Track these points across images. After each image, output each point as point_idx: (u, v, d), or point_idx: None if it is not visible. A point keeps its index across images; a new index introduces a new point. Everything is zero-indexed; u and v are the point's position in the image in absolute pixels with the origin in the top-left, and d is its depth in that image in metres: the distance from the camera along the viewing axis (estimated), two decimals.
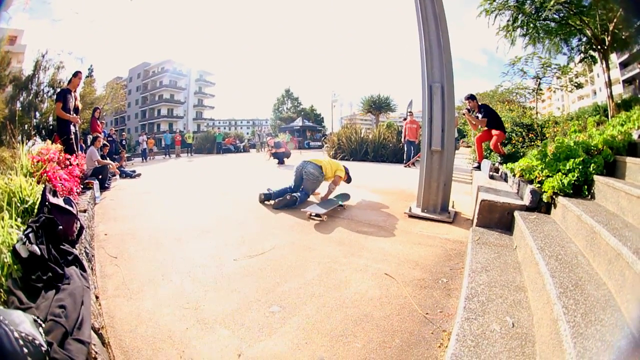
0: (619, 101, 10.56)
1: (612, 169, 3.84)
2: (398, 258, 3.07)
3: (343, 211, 4.83)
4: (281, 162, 12.29)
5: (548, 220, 3.34)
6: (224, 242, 3.48)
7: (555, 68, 16.85)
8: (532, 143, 8.88)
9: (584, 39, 11.42)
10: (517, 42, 12.14)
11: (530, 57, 15.58)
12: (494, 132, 7.21)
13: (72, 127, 6.17)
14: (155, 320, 2.10)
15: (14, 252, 1.59)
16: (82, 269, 1.90)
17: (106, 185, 6.98)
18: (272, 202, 5.16)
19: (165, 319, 2.12)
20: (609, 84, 10.83)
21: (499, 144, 7.26)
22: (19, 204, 2.35)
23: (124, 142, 17.16)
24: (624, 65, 17.42)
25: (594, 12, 9.69)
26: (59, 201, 2.31)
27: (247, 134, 43.66)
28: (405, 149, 11.64)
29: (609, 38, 10.38)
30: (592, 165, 3.67)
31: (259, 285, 2.56)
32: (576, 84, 15.81)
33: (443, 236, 3.72)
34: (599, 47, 10.79)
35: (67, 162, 5.01)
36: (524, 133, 9.90)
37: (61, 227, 1.98)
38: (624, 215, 2.73)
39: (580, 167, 3.68)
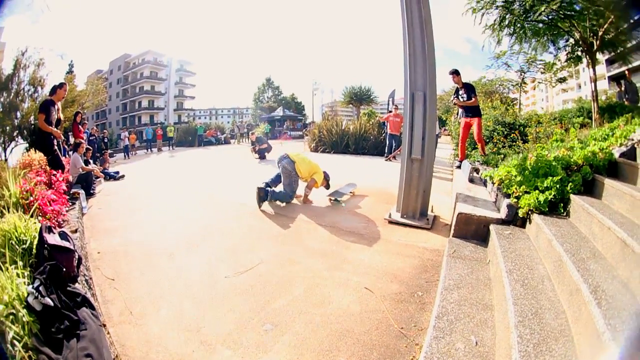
0: (604, 105, 10.60)
1: (591, 187, 3.96)
2: (377, 271, 3.29)
3: (326, 216, 5.02)
4: (262, 157, 12.42)
5: (522, 236, 3.51)
6: (214, 256, 3.65)
7: (540, 63, 16.92)
8: (514, 143, 8.99)
9: (572, 41, 11.52)
10: (504, 41, 12.06)
11: (516, 53, 15.43)
12: (474, 120, 7.35)
13: (54, 141, 6.09)
14: (164, 345, 2.29)
15: (27, 306, 1.71)
16: (92, 307, 2.06)
17: (91, 191, 7.01)
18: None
19: (172, 343, 2.30)
20: (595, 86, 10.81)
21: (481, 132, 7.46)
22: (17, 246, 2.41)
23: (106, 141, 17.07)
24: (609, 62, 17.67)
25: (585, 17, 9.66)
26: (56, 238, 2.42)
27: (228, 122, 43.41)
28: (387, 142, 11.77)
29: (598, 42, 10.40)
30: (570, 184, 3.79)
31: (252, 303, 2.75)
32: (560, 79, 15.78)
33: (421, 245, 3.93)
34: (586, 49, 10.82)
35: (54, 178, 5.03)
36: (505, 132, 9.94)
37: (65, 269, 2.13)
38: (594, 240, 2.87)
39: (558, 185, 3.79)
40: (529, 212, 3.69)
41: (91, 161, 9.07)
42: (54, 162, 5.79)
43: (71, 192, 5.76)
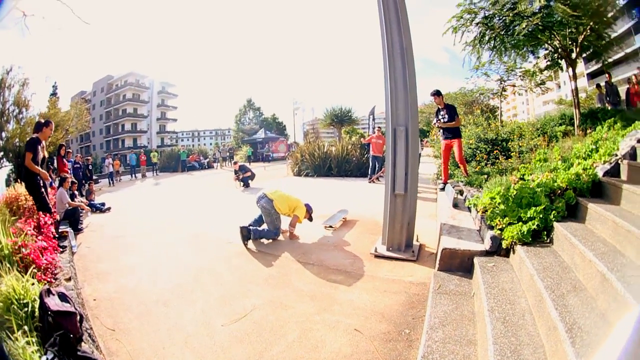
0: (586, 111, 10.68)
1: (575, 211, 4.06)
2: (365, 310, 3.42)
3: (313, 253, 5.11)
4: (247, 185, 12.51)
5: (506, 267, 3.63)
6: (207, 304, 3.74)
7: (519, 70, 16.96)
8: (497, 160, 9.08)
9: (551, 49, 11.61)
10: (484, 55, 12.15)
11: (495, 63, 15.59)
12: (454, 142, 7.44)
13: (41, 182, 5.94)
14: None
15: None
16: None
17: (79, 227, 7.03)
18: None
19: None
20: (576, 92, 10.94)
21: (462, 154, 7.60)
22: (19, 310, 2.46)
23: (90, 167, 16.99)
24: (587, 59, 17.94)
25: (564, 26, 9.80)
26: (57, 301, 2.51)
27: (211, 144, 43.61)
28: (370, 163, 11.93)
29: (577, 49, 10.58)
30: (553, 212, 3.88)
31: (250, 352, 2.86)
32: (539, 84, 16.03)
33: (407, 279, 4.08)
34: (566, 57, 10.96)
35: (42, 221, 5.05)
36: (488, 149, 10.03)
37: (72, 335, 2.22)
38: (576, 271, 2.96)
39: (541, 215, 3.86)
40: (513, 244, 3.78)
41: (77, 193, 9.04)
42: (41, 205, 5.75)
43: (59, 230, 5.78)
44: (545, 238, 3.75)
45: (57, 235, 5.40)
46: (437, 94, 7.51)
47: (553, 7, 8.87)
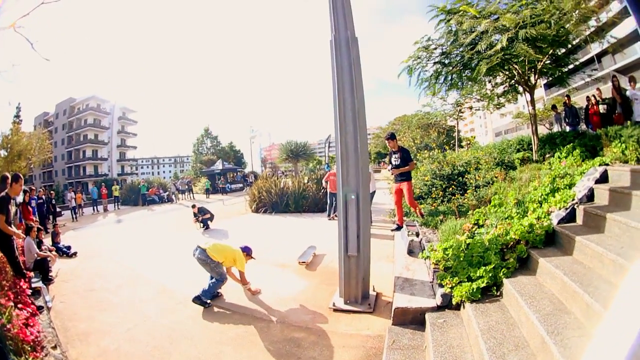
0: (544, 137, 10.71)
1: (527, 263, 4.28)
2: None
3: (274, 310, 5.38)
4: (206, 227, 12.67)
5: (455, 322, 3.89)
6: None
7: (476, 94, 17.13)
8: (453, 196, 9.19)
9: (509, 75, 11.68)
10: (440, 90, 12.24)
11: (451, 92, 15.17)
12: (403, 185, 7.70)
13: (14, 243, 5.94)
14: None
15: None
16: None
17: (49, 277, 7.16)
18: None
19: None
20: (534, 119, 11.10)
21: (412, 197, 7.82)
22: None
23: (53, 202, 16.87)
24: (548, 85, 18.30)
25: (524, 60, 9.85)
26: None
27: (170, 172, 43.76)
28: (329, 200, 12.08)
29: (536, 76, 10.91)
30: (503, 270, 4.08)
31: None
32: (497, 105, 15.62)
33: (364, 332, 4.50)
34: (524, 83, 11.17)
35: (20, 287, 5.22)
36: (444, 185, 10.08)
37: None
38: (521, 328, 3.18)
39: (491, 274, 4.06)
40: (462, 301, 4.01)
41: (44, 241, 9.07)
42: (16, 269, 5.79)
43: (32, 287, 5.90)
44: (496, 292, 4.00)
45: (30, 293, 5.55)
46: (391, 137, 7.91)
47: (515, 47, 8.90)
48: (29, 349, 3.74)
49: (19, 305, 4.62)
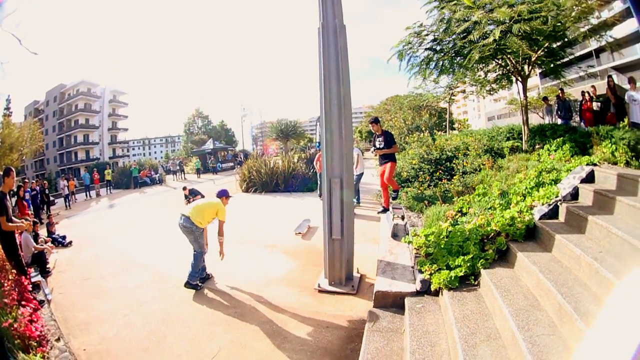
0: (534, 128, 10.55)
1: (506, 255, 4.36)
2: (311, 346, 4.15)
3: (263, 291, 5.62)
4: None
5: (433, 307, 4.01)
6: (180, 348, 4.32)
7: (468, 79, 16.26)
8: (440, 181, 9.21)
9: (502, 64, 11.35)
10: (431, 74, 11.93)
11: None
12: (387, 166, 7.76)
13: (16, 241, 6.00)
14: None
15: None
16: None
17: (47, 269, 7.33)
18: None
19: None
20: (526, 110, 10.84)
21: (392, 175, 7.90)
22: None
23: (47, 192, 16.90)
24: (543, 75, 18.03)
25: (517, 52, 9.47)
26: None
27: (162, 152, 43.58)
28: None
29: (529, 67, 10.58)
30: (481, 260, 4.16)
31: None
32: (490, 90, 14.78)
33: (347, 314, 4.79)
34: (517, 73, 10.88)
35: (22, 286, 5.35)
36: (431, 169, 10.03)
37: None
38: (495, 319, 3.25)
39: (469, 263, 4.15)
40: (440, 288, 4.13)
41: (39, 232, 9.19)
42: (18, 267, 5.86)
43: (32, 281, 6.06)
44: (473, 282, 4.10)
45: (31, 289, 5.71)
46: (375, 121, 8.05)
47: (508, 40, 8.72)
48: (35, 344, 3.97)
49: (22, 303, 4.81)
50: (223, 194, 6.15)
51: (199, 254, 5.82)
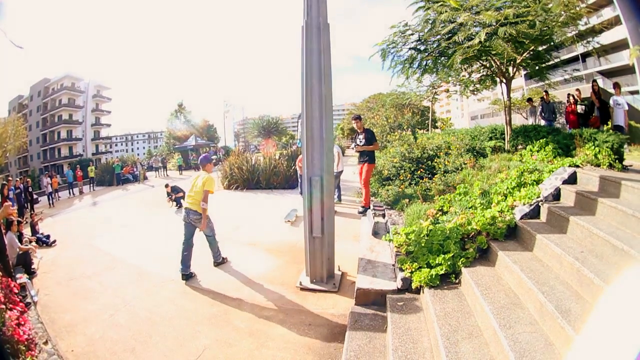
0: (517, 128, 10.46)
1: (487, 253, 4.43)
2: (295, 344, 4.27)
3: (245, 289, 5.76)
4: (180, 205, 12.80)
5: (414, 306, 4.06)
6: (166, 347, 4.38)
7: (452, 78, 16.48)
8: (421, 179, 9.24)
9: (486, 65, 11.52)
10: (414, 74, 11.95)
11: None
12: (365, 167, 7.90)
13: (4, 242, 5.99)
14: None
15: None
16: None
17: (32, 270, 7.31)
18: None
19: None
20: (509, 111, 10.94)
21: (368, 178, 8.04)
22: None
23: (30, 190, 16.73)
24: (528, 76, 18.22)
25: (502, 53, 9.53)
26: None
27: (144, 149, 43.25)
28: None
29: (514, 69, 10.70)
30: (462, 259, 4.23)
31: None
32: (474, 90, 15.22)
33: (330, 311, 4.92)
34: (501, 75, 10.99)
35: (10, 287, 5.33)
36: (412, 168, 10.06)
37: None
38: (476, 317, 3.31)
39: (450, 262, 4.22)
40: (421, 286, 4.20)
41: (24, 232, 9.14)
42: (5, 269, 5.83)
43: (18, 282, 5.97)
44: (454, 280, 4.16)
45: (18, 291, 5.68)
46: (357, 118, 8.18)
47: (493, 42, 8.81)
48: (24, 348, 3.99)
49: (10, 306, 4.80)
50: (207, 160, 6.47)
51: (212, 237, 6.37)
